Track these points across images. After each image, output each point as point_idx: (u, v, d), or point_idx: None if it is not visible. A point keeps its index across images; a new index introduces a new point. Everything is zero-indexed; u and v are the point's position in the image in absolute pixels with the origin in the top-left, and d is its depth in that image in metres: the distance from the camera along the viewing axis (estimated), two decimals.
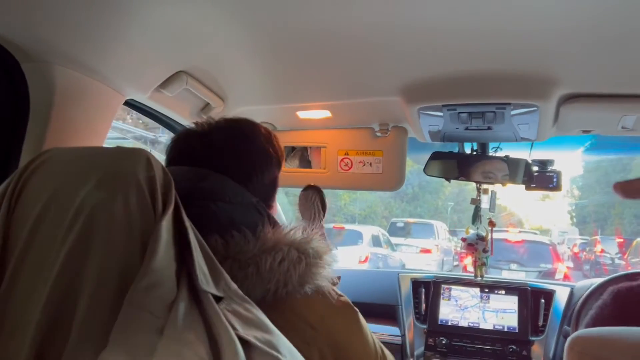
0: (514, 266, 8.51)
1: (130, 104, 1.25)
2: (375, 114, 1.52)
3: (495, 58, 1.08)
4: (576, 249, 14.26)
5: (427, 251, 11.41)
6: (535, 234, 12.87)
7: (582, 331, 0.58)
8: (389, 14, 0.92)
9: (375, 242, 10.32)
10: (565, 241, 16.02)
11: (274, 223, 0.79)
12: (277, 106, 1.47)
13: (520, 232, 11.54)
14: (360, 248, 9.42)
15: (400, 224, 13.04)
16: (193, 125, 0.89)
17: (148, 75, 1.08)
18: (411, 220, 13.68)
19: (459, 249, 11.14)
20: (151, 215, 0.53)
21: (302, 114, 1.53)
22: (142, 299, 0.48)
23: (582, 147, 1.69)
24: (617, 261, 11.83)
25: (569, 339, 0.59)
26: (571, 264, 10.14)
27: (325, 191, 1.23)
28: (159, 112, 1.35)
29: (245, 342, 0.51)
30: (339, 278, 0.85)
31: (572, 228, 20.12)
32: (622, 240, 13.44)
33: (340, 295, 0.80)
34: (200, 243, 0.58)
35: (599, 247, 12.82)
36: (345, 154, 1.65)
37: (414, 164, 2.56)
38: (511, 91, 1.20)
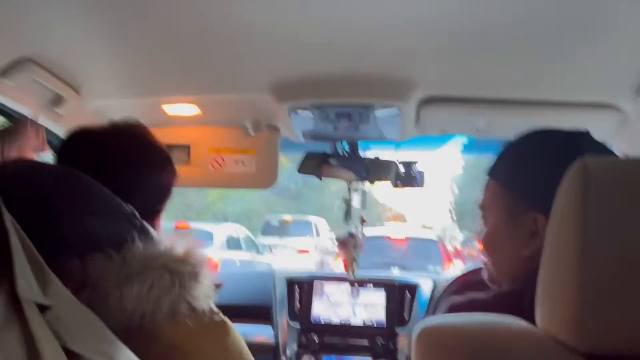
0: (395, 270, 6.32)
1: None
2: (247, 112, 1.56)
3: (356, 58, 1.18)
4: (459, 246, 14.64)
5: (306, 251, 10.79)
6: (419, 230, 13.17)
7: (426, 321, 0.63)
8: (250, 9, 0.96)
9: (232, 244, 9.33)
10: (447, 238, 16.66)
11: (146, 237, 0.74)
12: (140, 100, 1.45)
13: (405, 228, 11.47)
14: (208, 253, 7.98)
15: (275, 222, 12.31)
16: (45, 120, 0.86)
17: None
18: (288, 217, 12.78)
19: None
20: None
21: (169, 109, 1.52)
22: None
23: (443, 146, 1.88)
24: None
25: (414, 329, 0.62)
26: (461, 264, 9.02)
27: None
28: (3, 105, 1.26)
29: (74, 355, 0.50)
30: (218, 286, 0.82)
31: (452, 225, 21.71)
32: None
33: (215, 313, 0.78)
34: (26, 246, 0.55)
35: None
36: (217, 152, 1.67)
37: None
38: (374, 92, 1.31)
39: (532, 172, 0.85)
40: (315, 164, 1.72)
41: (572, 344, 0.52)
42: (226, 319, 0.82)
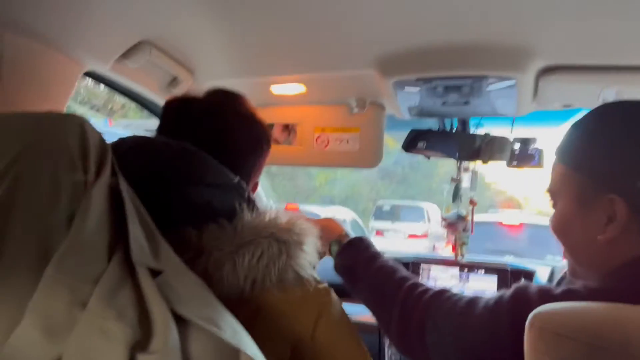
0: (509, 258, 5.91)
1: (96, 76, 1.26)
2: (352, 89, 1.56)
3: (470, 28, 1.11)
4: None
5: (416, 236, 10.98)
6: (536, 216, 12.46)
7: (542, 307, 0.60)
8: None
9: None
10: None
11: (253, 207, 0.78)
12: (250, 80, 1.49)
13: (520, 214, 10.92)
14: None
15: (387, 207, 12.51)
16: (163, 100, 0.90)
17: (108, 45, 1.10)
18: (399, 202, 13.04)
19: None
20: (82, 184, 0.53)
21: (276, 89, 1.55)
22: (65, 268, 0.48)
23: (565, 122, 1.73)
24: None
25: (530, 315, 0.59)
26: None
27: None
28: (126, 87, 1.37)
29: (181, 319, 0.51)
30: (322, 255, 0.87)
31: None
32: None
33: (319, 282, 0.80)
34: (140, 213, 0.58)
35: None
36: (321, 131, 1.68)
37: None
38: (487, 63, 1.23)
39: (606, 151, 0.76)
40: (421, 142, 1.67)
41: None
42: (330, 287, 0.83)
